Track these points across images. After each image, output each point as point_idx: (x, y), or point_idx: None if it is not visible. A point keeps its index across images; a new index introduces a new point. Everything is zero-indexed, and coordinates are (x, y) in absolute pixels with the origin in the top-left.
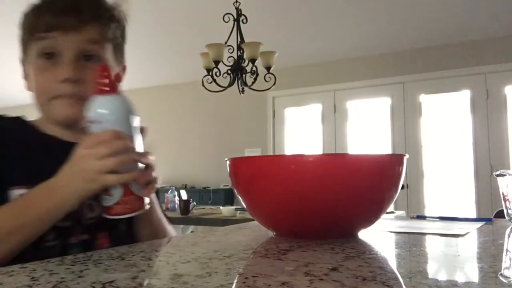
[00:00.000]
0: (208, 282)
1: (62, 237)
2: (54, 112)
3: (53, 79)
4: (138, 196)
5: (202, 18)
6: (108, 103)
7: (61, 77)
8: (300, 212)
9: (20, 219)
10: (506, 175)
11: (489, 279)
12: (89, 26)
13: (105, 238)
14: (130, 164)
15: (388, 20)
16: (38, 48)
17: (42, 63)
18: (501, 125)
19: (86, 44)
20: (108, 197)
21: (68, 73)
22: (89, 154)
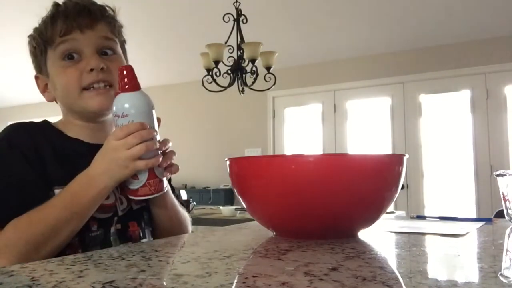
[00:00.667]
0: (208, 282)
1: (104, 227)
2: (88, 104)
3: (79, 73)
4: (160, 178)
5: (202, 18)
6: (132, 99)
7: (88, 67)
8: (300, 212)
9: (68, 210)
10: (506, 175)
11: (489, 279)
12: (100, 24)
13: (135, 227)
14: (154, 150)
15: (388, 20)
16: (60, 52)
17: (66, 64)
18: (501, 125)
19: (101, 40)
20: (136, 181)
21: (94, 63)
22: (120, 144)
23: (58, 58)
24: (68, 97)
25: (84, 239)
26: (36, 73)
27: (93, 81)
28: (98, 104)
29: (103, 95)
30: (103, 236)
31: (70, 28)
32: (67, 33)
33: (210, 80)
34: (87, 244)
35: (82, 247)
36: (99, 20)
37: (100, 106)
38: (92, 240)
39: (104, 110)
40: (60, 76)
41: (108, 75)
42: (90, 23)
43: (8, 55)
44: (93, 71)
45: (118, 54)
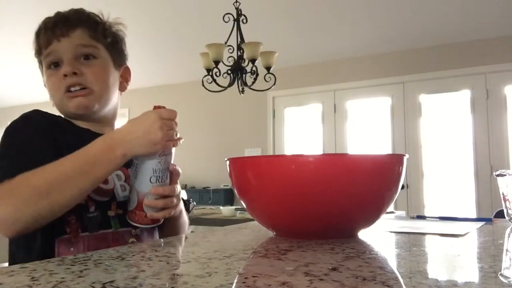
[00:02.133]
0: (208, 282)
1: (101, 210)
2: (68, 105)
3: (58, 79)
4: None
5: (202, 18)
6: None
7: (62, 74)
8: (300, 212)
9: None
10: (506, 175)
11: (489, 279)
12: (78, 30)
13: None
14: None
15: (388, 20)
16: (46, 62)
17: (50, 72)
18: (501, 125)
19: (78, 47)
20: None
21: (65, 69)
22: (164, 123)
23: (46, 68)
24: (54, 100)
25: (82, 219)
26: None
27: (68, 85)
28: (74, 106)
29: (78, 98)
30: (101, 219)
31: (49, 39)
32: (48, 44)
33: (210, 80)
34: (86, 224)
35: (81, 227)
36: (75, 27)
37: (76, 107)
38: (90, 221)
39: (80, 110)
40: (47, 84)
41: (82, 79)
42: (66, 32)
43: (8, 55)
44: (67, 76)
45: (100, 58)
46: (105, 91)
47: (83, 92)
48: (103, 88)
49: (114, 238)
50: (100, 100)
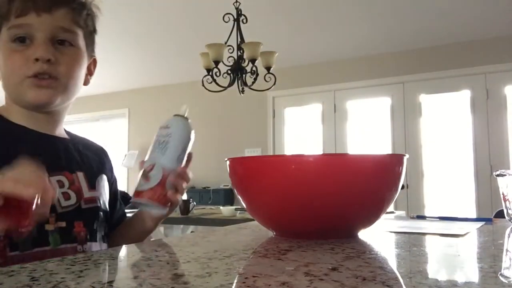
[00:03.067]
0: (208, 282)
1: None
2: (26, 94)
3: (25, 60)
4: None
5: (202, 18)
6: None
7: (33, 56)
8: (300, 212)
9: None
10: (506, 175)
11: (489, 279)
12: (62, 9)
13: (81, 227)
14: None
15: (388, 20)
16: (11, 33)
17: (15, 46)
18: (501, 125)
19: (57, 29)
20: (145, 182)
21: (40, 53)
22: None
23: (8, 39)
24: (9, 82)
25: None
26: None
27: (36, 72)
28: (35, 97)
29: (43, 89)
30: (36, 234)
31: (26, 9)
32: (22, 14)
33: (210, 80)
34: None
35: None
36: (61, 5)
37: (36, 99)
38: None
39: (40, 103)
40: (6, 60)
41: (55, 68)
42: (49, 6)
43: None
44: (38, 61)
45: (76, 46)
46: (73, 85)
47: (51, 82)
48: (71, 82)
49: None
50: (64, 94)
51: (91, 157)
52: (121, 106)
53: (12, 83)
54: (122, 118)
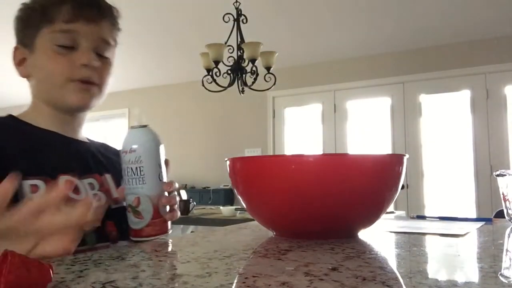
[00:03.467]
0: (208, 282)
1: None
2: (69, 96)
3: (71, 64)
4: (164, 218)
5: (202, 18)
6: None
7: (81, 62)
8: (300, 212)
9: None
10: (506, 175)
11: (489, 279)
12: (105, 22)
13: (112, 227)
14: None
15: (388, 20)
16: (58, 37)
17: (59, 50)
18: (501, 125)
19: (100, 40)
20: (139, 220)
21: (88, 59)
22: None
23: (52, 41)
24: (49, 83)
25: None
26: (17, 44)
27: (83, 77)
28: (78, 100)
29: (85, 92)
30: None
31: (76, 16)
32: (71, 20)
33: (210, 80)
34: None
35: None
36: (105, 17)
37: (79, 102)
38: None
39: (81, 106)
40: (50, 61)
41: (96, 74)
42: (97, 17)
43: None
44: (86, 67)
45: (109, 57)
46: (104, 92)
47: (92, 87)
48: (104, 89)
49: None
50: (97, 99)
51: (114, 159)
52: (121, 106)
53: (53, 84)
54: (122, 118)
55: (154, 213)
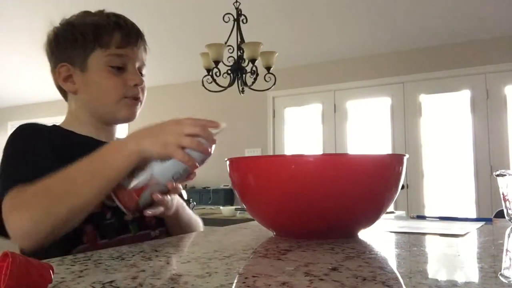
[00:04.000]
0: (208, 282)
1: (117, 215)
2: (122, 111)
3: (123, 83)
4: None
5: (202, 18)
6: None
7: (133, 82)
8: (300, 212)
9: (91, 169)
10: (506, 175)
11: (489, 279)
12: (143, 46)
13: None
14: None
15: (388, 20)
16: (111, 60)
17: (113, 71)
18: (501, 125)
19: (142, 62)
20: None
21: (138, 80)
22: (183, 126)
23: (106, 63)
24: (104, 99)
25: (99, 226)
26: (63, 62)
27: (134, 95)
28: (130, 114)
29: (134, 107)
30: (118, 224)
31: (126, 42)
32: (122, 46)
33: (210, 80)
34: (104, 232)
35: (100, 235)
36: (143, 43)
37: (129, 116)
38: (108, 228)
39: (130, 119)
40: (106, 80)
41: (141, 92)
42: (140, 43)
43: (8, 55)
44: (136, 86)
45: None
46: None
47: (137, 103)
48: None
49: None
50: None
51: None
52: None
53: (108, 100)
54: None
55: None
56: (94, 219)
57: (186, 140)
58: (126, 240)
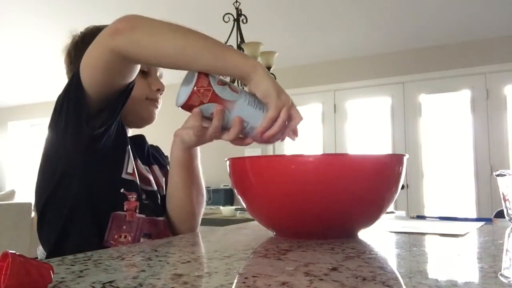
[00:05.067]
0: (208, 282)
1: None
2: (145, 112)
3: (148, 86)
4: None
5: (202, 18)
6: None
7: (157, 87)
8: (300, 212)
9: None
10: (506, 175)
11: (489, 279)
12: None
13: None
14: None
15: (388, 20)
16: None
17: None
18: (501, 125)
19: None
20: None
21: (161, 86)
22: (286, 105)
23: None
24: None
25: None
26: None
27: (156, 98)
28: (152, 115)
29: (155, 109)
30: (153, 207)
31: None
32: None
33: None
34: (143, 208)
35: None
36: None
37: (150, 117)
38: (146, 206)
39: (150, 120)
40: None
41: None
42: None
43: (8, 56)
44: (159, 91)
45: None
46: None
47: (158, 106)
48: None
49: (165, 225)
50: None
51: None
52: None
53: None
54: None
55: (215, 98)
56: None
57: (295, 110)
58: (159, 222)
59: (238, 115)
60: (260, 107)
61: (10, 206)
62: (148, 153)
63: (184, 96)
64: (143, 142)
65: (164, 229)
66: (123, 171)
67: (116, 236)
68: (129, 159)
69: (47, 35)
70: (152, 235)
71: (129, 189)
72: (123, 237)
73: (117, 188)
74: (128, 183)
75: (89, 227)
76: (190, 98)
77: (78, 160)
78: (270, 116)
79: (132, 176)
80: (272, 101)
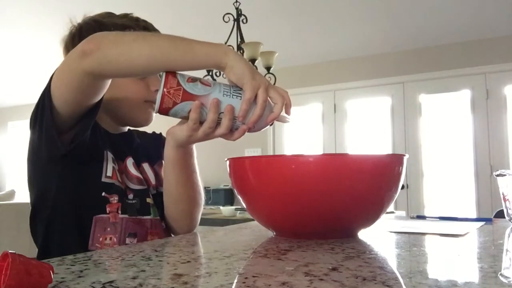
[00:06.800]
0: (208, 282)
1: (139, 197)
2: (142, 114)
3: (146, 88)
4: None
5: (202, 18)
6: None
7: (156, 87)
8: (300, 212)
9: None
10: (506, 175)
11: (489, 279)
12: None
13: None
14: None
15: (388, 20)
16: None
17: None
18: (501, 125)
19: None
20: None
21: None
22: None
23: None
24: (125, 101)
25: (123, 202)
26: None
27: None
28: (147, 117)
29: (152, 111)
30: (139, 206)
31: None
32: None
33: None
34: (125, 209)
35: (122, 209)
36: None
37: (147, 120)
38: (130, 207)
39: (147, 122)
40: (132, 84)
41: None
42: None
43: (8, 56)
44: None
45: None
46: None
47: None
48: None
49: (153, 224)
50: None
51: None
52: None
53: (129, 103)
54: None
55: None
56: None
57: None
58: (145, 221)
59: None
60: (237, 95)
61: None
62: (137, 150)
63: (158, 101)
64: (132, 138)
65: (151, 228)
66: (102, 175)
67: (101, 238)
68: (107, 163)
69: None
70: (137, 235)
71: (110, 192)
72: (108, 239)
73: (97, 192)
74: (109, 186)
75: (72, 232)
76: (162, 102)
77: (54, 172)
78: (247, 97)
79: (112, 179)
80: (247, 81)
